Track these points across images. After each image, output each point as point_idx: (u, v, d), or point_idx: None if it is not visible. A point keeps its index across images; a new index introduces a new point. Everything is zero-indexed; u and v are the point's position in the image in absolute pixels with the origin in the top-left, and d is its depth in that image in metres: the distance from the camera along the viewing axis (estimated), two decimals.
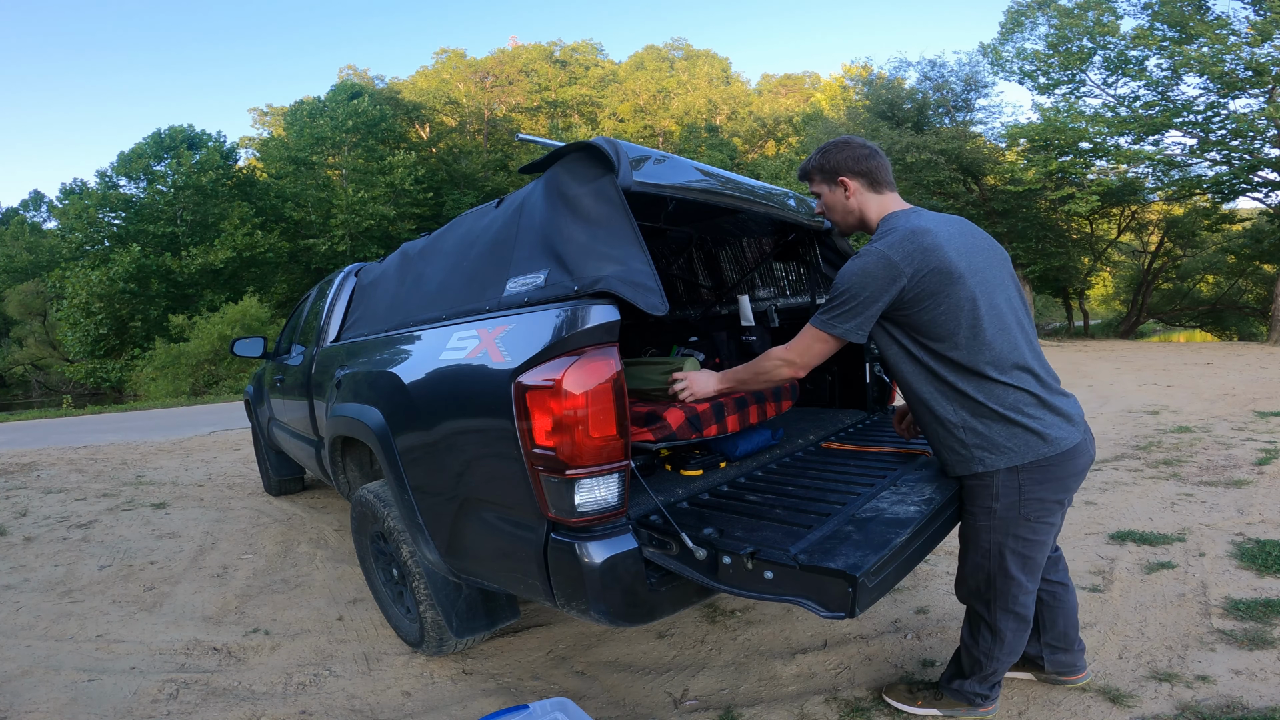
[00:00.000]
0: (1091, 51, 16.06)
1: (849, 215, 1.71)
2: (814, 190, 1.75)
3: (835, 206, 1.72)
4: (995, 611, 1.65)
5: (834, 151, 1.68)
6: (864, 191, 1.67)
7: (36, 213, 37.62)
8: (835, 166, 1.67)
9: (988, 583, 1.64)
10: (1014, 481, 1.52)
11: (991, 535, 1.58)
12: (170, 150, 25.33)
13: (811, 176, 1.74)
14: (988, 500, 1.56)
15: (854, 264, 1.53)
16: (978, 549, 1.63)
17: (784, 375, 1.63)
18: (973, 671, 1.76)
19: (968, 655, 1.75)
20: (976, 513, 1.59)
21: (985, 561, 1.62)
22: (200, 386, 19.21)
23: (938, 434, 1.61)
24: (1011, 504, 1.53)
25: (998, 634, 1.67)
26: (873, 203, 1.67)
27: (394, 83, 40.51)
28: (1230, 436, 5.03)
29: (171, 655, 2.49)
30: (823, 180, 1.71)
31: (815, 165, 1.72)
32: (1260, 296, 18.89)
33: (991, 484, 1.54)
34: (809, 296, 3.10)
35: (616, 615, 1.47)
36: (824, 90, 41.15)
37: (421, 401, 1.92)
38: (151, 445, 8.01)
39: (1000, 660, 1.71)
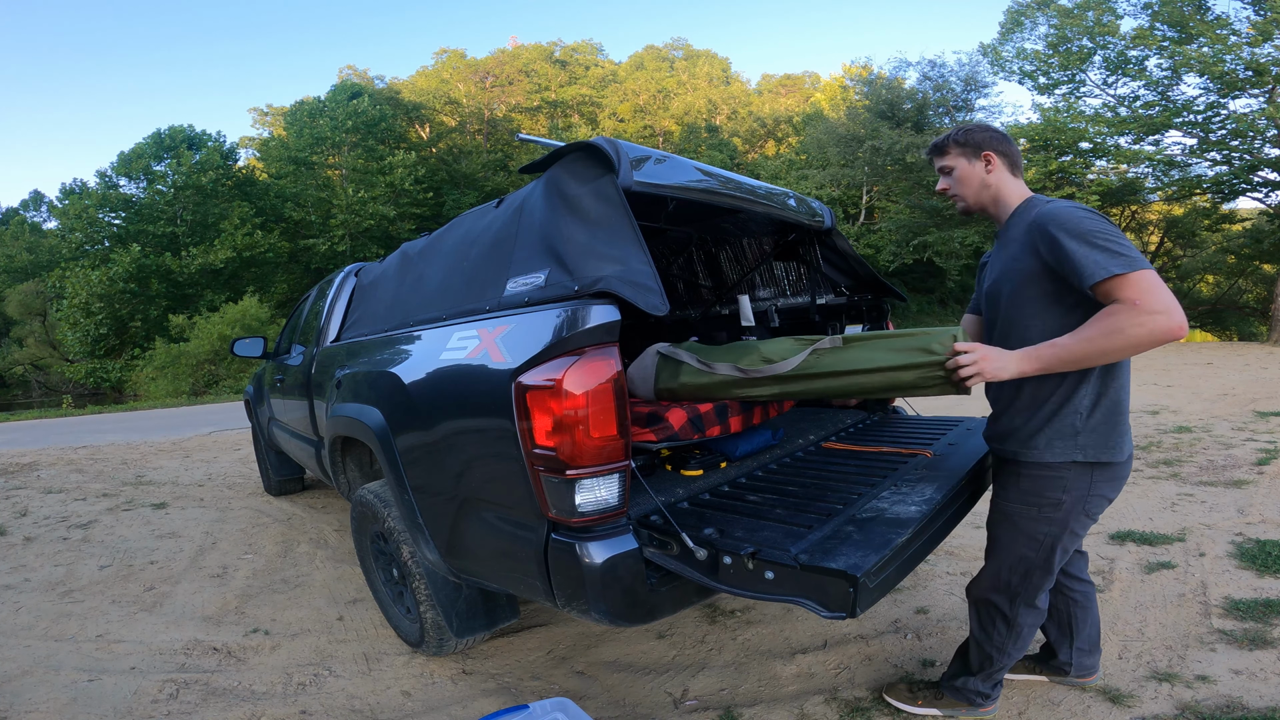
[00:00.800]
0: (1091, 51, 16.07)
1: (983, 191, 1.66)
2: (946, 164, 1.69)
3: (970, 180, 1.66)
4: (1018, 606, 1.65)
5: (977, 129, 1.65)
6: (1004, 171, 1.64)
7: (36, 213, 37.62)
8: (980, 141, 1.64)
9: (1024, 576, 1.62)
10: (1088, 476, 1.52)
11: (1050, 527, 1.55)
12: (170, 150, 25.33)
13: (947, 149, 1.69)
14: (1057, 492, 1.53)
15: (1082, 210, 1.44)
16: (1029, 540, 1.58)
17: (1162, 330, 1.31)
18: (981, 668, 1.75)
19: (978, 651, 1.74)
20: (1041, 504, 1.55)
21: (1032, 553, 1.59)
22: (200, 386, 19.21)
23: (1049, 413, 1.53)
24: (1080, 498, 1.53)
25: (1015, 628, 1.67)
26: (1011, 184, 1.65)
27: (394, 83, 40.49)
28: (1230, 436, 5.03)
29: (171, 655, 2.49)
30: (962, 153, 1.66)
31: (956, 138, 1.67)
32: (1260, 296, 18.91)
33: (1066, 476, 1.52)
34: (809, 296, 3.10)
35: (617, 615, 1.46)
36: (824, 90, 41.15)
37: (422, 401, 1.92)
38: (151, 445, 8.01)
39: (1011, 656, 1.71)
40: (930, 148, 1.76)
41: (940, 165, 1.72)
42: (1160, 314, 1.29)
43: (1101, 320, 1.35)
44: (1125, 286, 1.33)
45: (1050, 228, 1.43)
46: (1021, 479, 1.58)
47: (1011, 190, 1.65)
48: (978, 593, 1.73)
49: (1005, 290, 1.58)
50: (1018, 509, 1.59)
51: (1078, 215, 1.42)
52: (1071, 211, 1.43)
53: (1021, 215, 1.59)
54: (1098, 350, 1.36)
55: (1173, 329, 1.30)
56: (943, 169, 1.72)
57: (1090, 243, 1.37)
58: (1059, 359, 1.41)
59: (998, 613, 1.68)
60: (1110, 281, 1.33)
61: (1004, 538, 1.64)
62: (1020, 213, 1.60)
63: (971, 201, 1.69)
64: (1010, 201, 1.65)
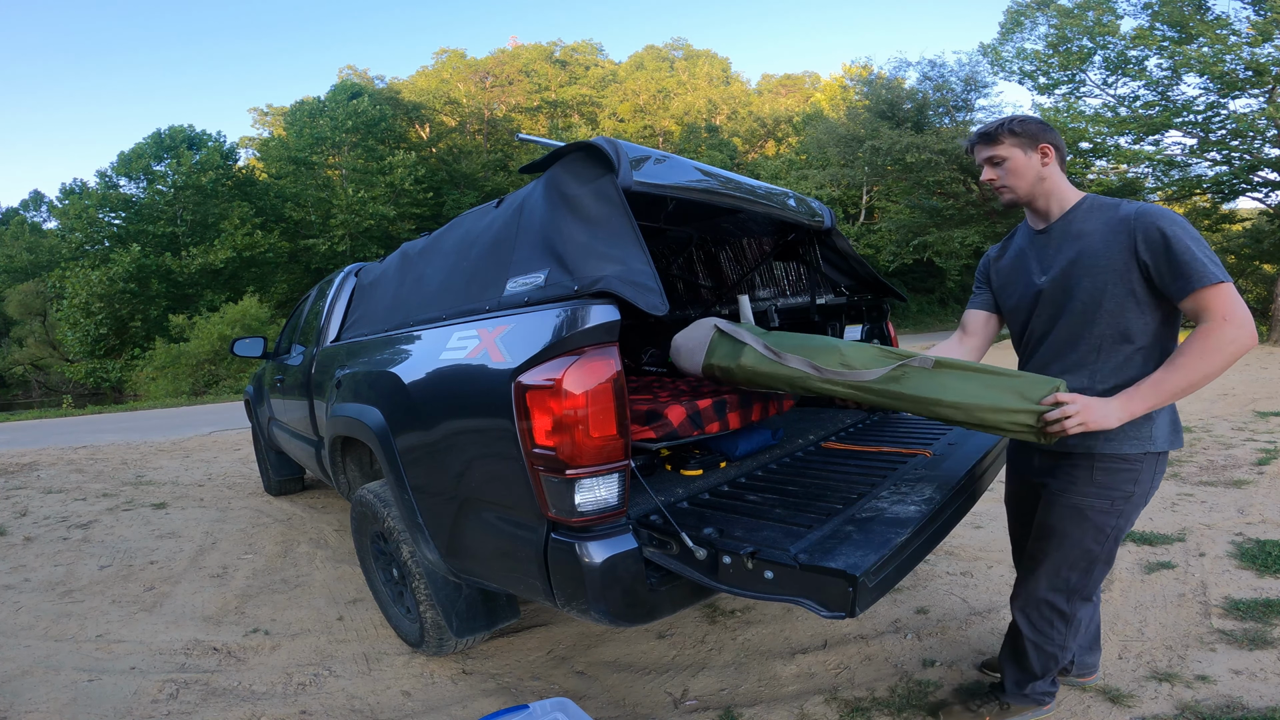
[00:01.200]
0: (1091, 51, 16.05)
1: (1038, 183, 1.61)
2: (996, 154, 1.61)
3: (1024, 172, 1.60)
4: (1075, 601, 1.64)
5: (1031, 120, 1.60)
6: (1056, 165, 1.61)
7: (36, 213, 37.60)
8: (1036, 132, 1.59)
9: (1085, 571, 1.60)
10: (1154, 467, 1.54)
11: (1120, 519, 1.55)
12: (170, 150, 25.33)
13: (999, 138, 1.61)
14: (1129, 484, 1.53)
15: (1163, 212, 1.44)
16: (1096, 533, 1.57)
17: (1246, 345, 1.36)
18: (1046, 670, 1.72)
19: (1039, 654, 1.70)
20: (1115, 496, 1.54)
21: (1098, 547, 1.57)
22: (200, 386, 19.22)
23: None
24: (1147, 489, 1.54)
25: (1073, 622, 1.66)
26: (1063, 180, 1.62)
27: (394, 83, 40.49)
28: (1230, 436, 5.03)
29: (171, 655, 2.49)
30: (1017, 143, 1.59)
31: (1011, 128, 1.60)
32: (1260, 296, 18.89)
33: (1139, 467, 1.52)
34: (809, 296, 3.10)
35: (616, 615, 1.46)
36: (824, 90, 41.18)
37: (421, 401, 1.92)
38: (151, 445, 8.01)
39: (1070, 649, 1.71)
40: (977, 136, 1.67)
41: (989, 155, 1.63)
42: (1245, 328, 1.35)
43: (1197, 344, 1.37)
44: (1219, 297, 1.36)
45: (1163, 224, 1.41)
46: (1095, 471, 1.55)
47: (1065, 185, 1.62)
48: (1033, 594, 1.68)
49: (1084, 286, 1.53)
50: (1091, 502, 1.56)
51: (1181, 218, 1.43)
52: (1174, 214, 1.44)
53: (1090, 212, 1.56)
54: (1200, 377, 1.38)
55: (1252, 343, 1.37)
56: (992, 159, 1.63)
57: (1200, 246, 1.39)
58: (1165, 394, 1.40)
59: (1055, 612, 1.65)
60: (1210, 290, 1.36)
61: (1071, 532, 1.60)
62: (1087, 209, 1.57)
63: (1023, 194, 1.63)
64: (1065, 197, 1.61)
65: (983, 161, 1.66)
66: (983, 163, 1.66)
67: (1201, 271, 1.37)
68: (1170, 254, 1.40)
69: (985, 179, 1.68)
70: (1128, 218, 1.47)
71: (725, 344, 1.97)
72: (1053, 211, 1.62)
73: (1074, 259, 1.56)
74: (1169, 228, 1.41)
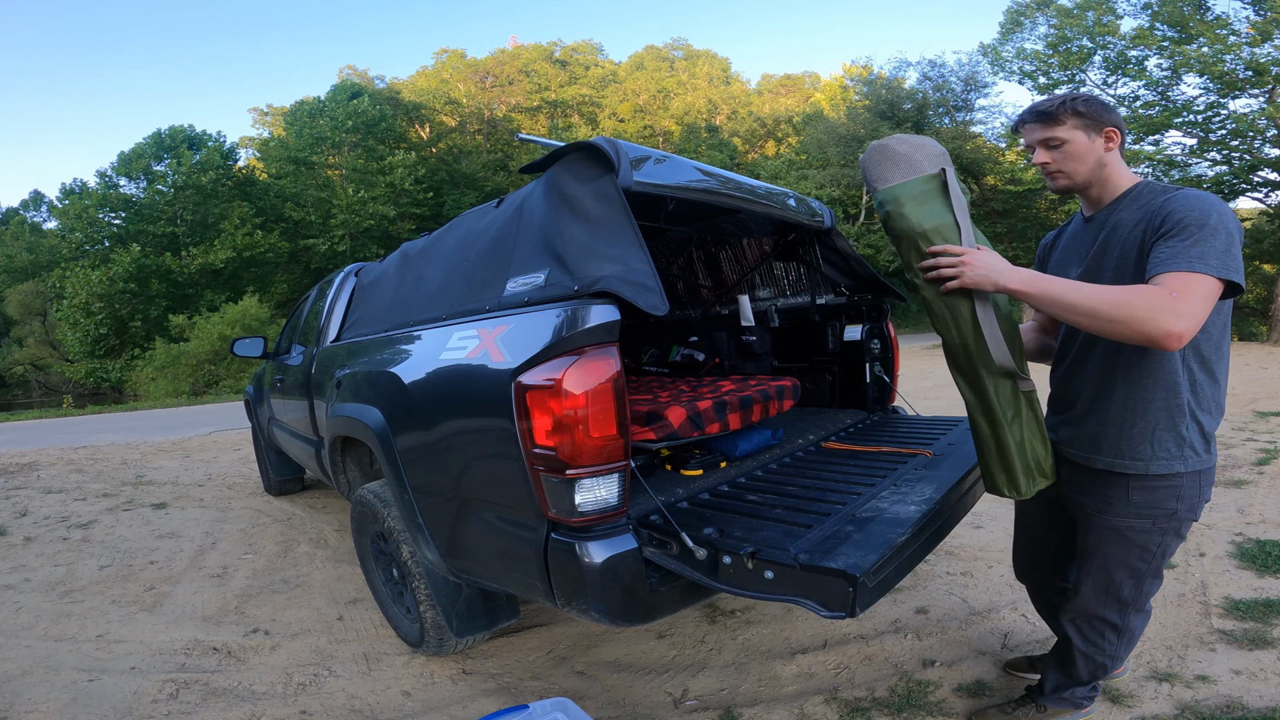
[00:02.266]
0: (1091, 51, 16.06)
1: (1097, 169, 1.47)
2: (1057, 135, 1.45)
3: (1085, 156, 1.45)
4: (1130, 614, 1.58)
5: (1095, 101, 1.45)
6: (1118, 150, 1.48)
7: (36, 213, 37.63)
8: (1102, 115, 1.44)
9: (1135, 587, 1.54)
10: (1197, 482, 1.45)
11: (1164, 537, 1.48)
12: (170, 150, 25.35)
13: (1061, 117, 1.45)
14: (1171, 502, 1.45)
15: (1208, 201, 1.31)
16: (1142, 553, 1.50)
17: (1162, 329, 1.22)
18: (1093, 677, 1.70)
19: (1089, 663, 1.66)
20: (1155, 515, 1.46)
21: (1144, 565, 1.51)
22: (200, 386, 19.22)
23: (1157, 422, 1.42)
24: (1191, 505, 1.46)
25: (1127, 633, 1.61)
26: (1121, 166, 1.48)
27: (394, 83, 40.52)
28: (1230, 436, 5.03)
29: (171, 655, 2.49)
30: (1080, 124, 1.44)
31: (1075, 108, 1.44)
32: (1260, 296, 18.90)
33: (1180, 484, 1.44)
34: (809, 296, 3.10)
35: (616, 615, 1.47)
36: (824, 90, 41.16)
37: (421, 401, 1.92)
38: (151, 445, 8.01)
39: (1122, 658, 1.67)
40: (1033, 114, 1.49)
41: (1046, 137, 1.47)
42: (1181, 317, 1.20)
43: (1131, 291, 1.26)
44: (1187, 279, 1.24)
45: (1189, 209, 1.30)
46: (1131, 492, 1.47)
47: (1121, 172, 1.48)
48: (1084, 610, 1.63)
49: (1108, 283, 1.44)
50: (1130, 523, 1.49)
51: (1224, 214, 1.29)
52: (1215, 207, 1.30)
53: (1135, 200, 1.45)
54: (1102, 319, 1.26)
55: (1170, 333, 1.21)
56: (1049, 141, 1.47)
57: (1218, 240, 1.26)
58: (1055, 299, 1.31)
59: (1107, 625, 1.61)
60: (1181, 273, 1.25)
61: (1113, 553, 1.53)
62: (1134, 197, 1.46)
63: (1080, 181, 1.49)
64: (1118, 184, 1.48)
65: (1035, 143, 1.50)
66: (1035, 144, 1.51)
67: (1184, 260, 1.25)
68: (1172, 235, 1.29)
69: (1038, 161, 1.52)
70: (1159, 204, 1.36)
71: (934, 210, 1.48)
72: (1104, 199, 1.51)
73: (1101, 252, 1.48)
74: (1190, 213, 1.29)
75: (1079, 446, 1.54)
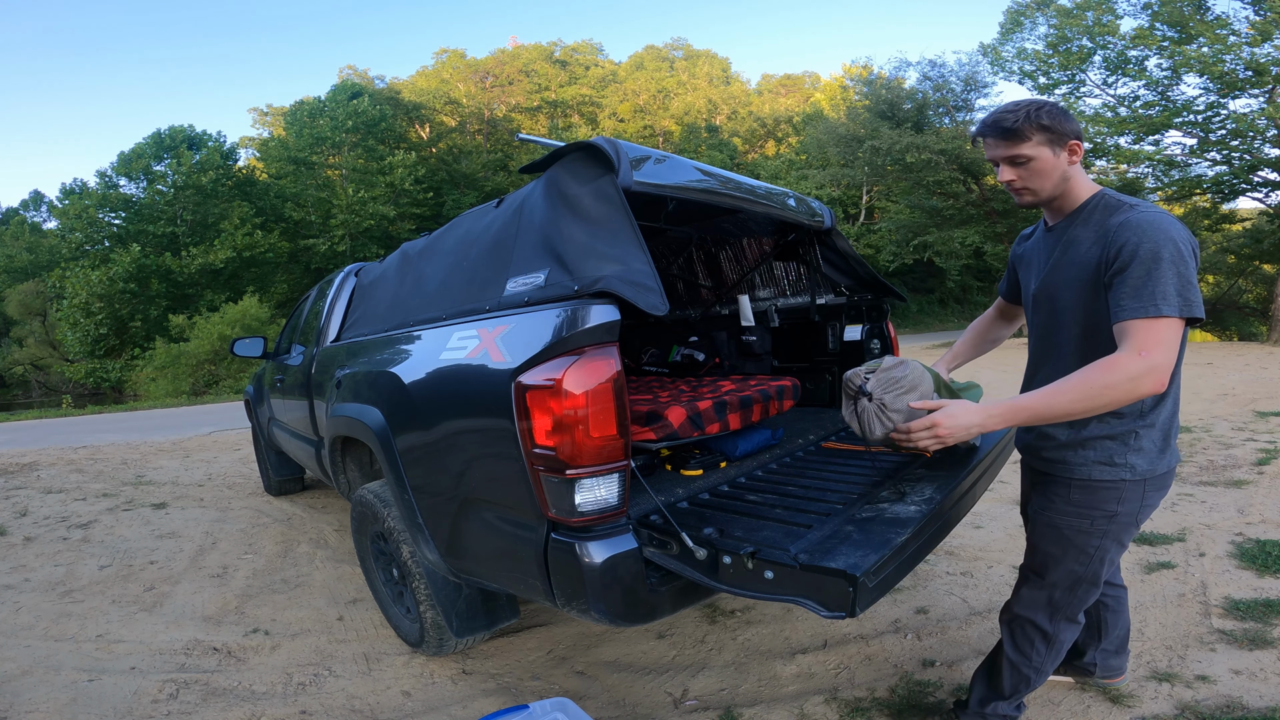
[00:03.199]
0: (1091, 51, 16.06)
1: (1061, 183, 1.44)
2: (1022, 152, 1.41)
3: (1049, 172, 1.42)
4: (1059, 621, 1.57)
5: (1058, 114, 1.40)
6: (1079, 162, 1.44)
7: (36, 213, 37.60)
8: (1064, 127, 1.39)
9: (1070, 591, 1.53)
10: (1141, 489, 1.43)
11: (1103, 540, 1.47)
12: (170, 150, 25.33)
13: (1026, 134, 1.39)
14: (1111, 505, 1.44)
15: (1157, 228, 1.28)
16: (1079, 554, 1.49)
17: (1144, 391, 1.26)
18: (1015, 691, 1.66)
19: (1014, 673, 1.64)
20: (1094, 516, 1.46)
21: (1081, 568, 1.50)
22: (200, 386, 19.21)
23: (1105, 430, 1.43)
24: (1133, 510, 1.45)
25: (1054, 644, 1.59)
26: (1082, 176, 1.45)
27: (394, 83, 40.51)
28: (1230, 436, 5.03)
29: (171, 655, 2.49)
30: (1046, 140, 1.39)
31: (1040, 122, 1.38)
32: (1260, 296, 18.90)
33: (1122, 489, 1.43)
34: (809, 296, 3.10)
35: (616, 615, 1.46)
36: (824, 90, 41.19)
37: (422, 401, 1.92)
38: (151, 445, 8.01)
39: (1046, 673, 1.64)
40: (996, 130, 1.43)
41: (1012, 154, 1.42)
42: (1155, 372, 1.24)
43: (1096, 372, 1.27)
44: (1149, 329, 1.24)
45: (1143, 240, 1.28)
46: (1073, 491, 1.48)
47: (1081, 182, 1.46)
48: (1016, 611, 1.62)
49: (1063, 299, 1.45)
50: (1069, 521, 1.49)
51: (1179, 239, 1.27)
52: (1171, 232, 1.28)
53: (1091, 214, 1.43)
54: (1081, 409, 1.29)
55: (1155, 389, 1.26)
56: (1015, 158, 1.42)
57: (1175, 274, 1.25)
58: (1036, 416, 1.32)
59: (1037, 631, 1.59)
60: (1142, 321, 1.25)
61: (1052, 552, 1.53)
62: (1090, 211, 1.43)
63: (1045, 196, 1.46)
64: (1079, 194, 1.46)
65: (999, 159, 1.46)
66: (999, 160, 1.46)
67: (1148, 302, 1.25)
68: (1129, 271, 1.28)
69: (1003, 179, 1.47)
70: (1113, 228, 1.35)
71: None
72: (1065, 210, 1.49)
73: (1057, 268, 1.47)
74: (1142, 245, 1.27)
75: (1033, 450, 1.58)
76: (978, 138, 1.51)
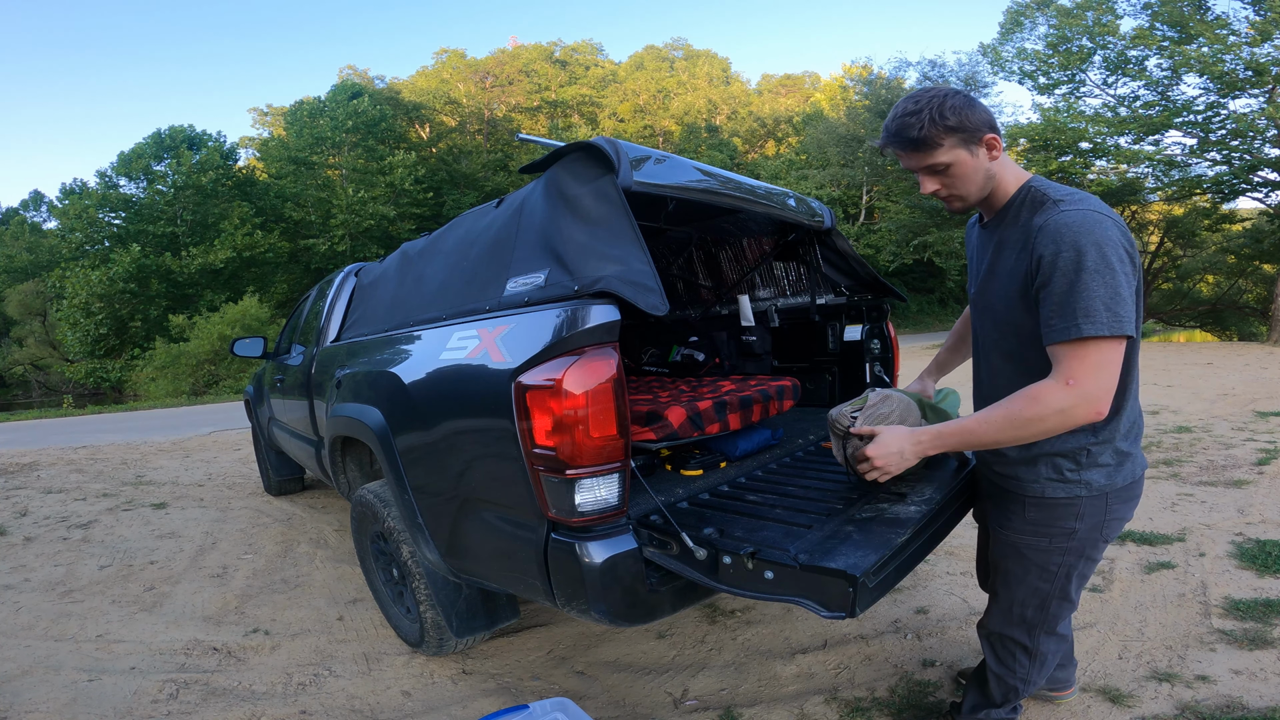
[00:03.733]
0: (1091, 51, 16.06)
1: (988, 183, 1.34)
2: (939, 160, 1.30)
3: (973, 176, 1.32)
4: (1039, 636, 1.52)
5: (964, 107, 1.27)
6: (1002, 151, 1.33)
7: (36, 213, 37.60)
8: (978, 123, 1.28)
9: (1040, 608, 1.48)
10: (1103, 503, 1.37)
11: (1065, 557, 1.41)
12: (170, 150, 25.35)
13: (936, 140, 1.28)
14: (1070, 521, 1.38)
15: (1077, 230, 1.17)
16: (1041, 573, 1.45)
17: (1078, 421, 1.20)
18: (1006, 700, 1.64)
19: (1000, 685, 1.61)
20: (1053, 534, 1.40)
21: (1046, 585, 1.45)
22: (200, 386, 19.21)
23: (1056, 448, 1.36)
24: (1095, 525, 1.38)
25: (1038, 657, 1.55)
26: (1008, 167, 1.35)
27: (394, 83, 40.54)
28: (1230, 436, 5.03)
29: (171, 655, 2.49)
30: (961, 142, 1.28)
31: (946, 124, 1.26)
32: (1260, 296, 18.89)
33: (1079, 505, 1.37)
34: (809, 296, 3.10)
35: (616, 615, 1.46)
36: (824, 90, 41.21)
37: (422, 401, 1.92)
38: (151, 445, 8.01)
39: (1036, 683, 1.61)
40: (902, 142, 1.32)
41: (928, 164, 1.32)
42: (1087, 401, 1.16)
43: (1020, 401, 1.21)
44: (1077, 354, 1.17)
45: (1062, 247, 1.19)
46: (1027, 508, 1.43)
47: (1011, 173, 1.36)
48: (992, 628, 1.60)
49: (998, 309, 1.39)
50: (1027, 540, 1.44)
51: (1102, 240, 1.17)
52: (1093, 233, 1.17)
53: (1019, 212, 1.33)
54: (1009, 439, 1.24)
55: (1090, 418, 1.19)
56: (933, 167, 1.32)
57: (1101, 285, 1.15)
58: (963, 444, 1.28)
59: (1017, 646, 1.55)
60: (1070, 345, 1.17)
61: (1014, 570, 1.49)
62: (1018, 208, 1.34)
63: (974, 199, 1.37)
64: (1007, 189, 1.36)
65: (917, 170, 1.36)
66: (917, 171, 1.36)
67: (1071, 322, 1.16)
68: (1051, 285, 1.19)
69: (926, 191, 1.37)
70: (1035, 231, 1.25)
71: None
72: (995, 206, 1.39)
73: (991, 275, 1.41)
74: (1062, 253, 1.17)
75: (988, 460, 1.54)
76: (884, 150, 1.39)
